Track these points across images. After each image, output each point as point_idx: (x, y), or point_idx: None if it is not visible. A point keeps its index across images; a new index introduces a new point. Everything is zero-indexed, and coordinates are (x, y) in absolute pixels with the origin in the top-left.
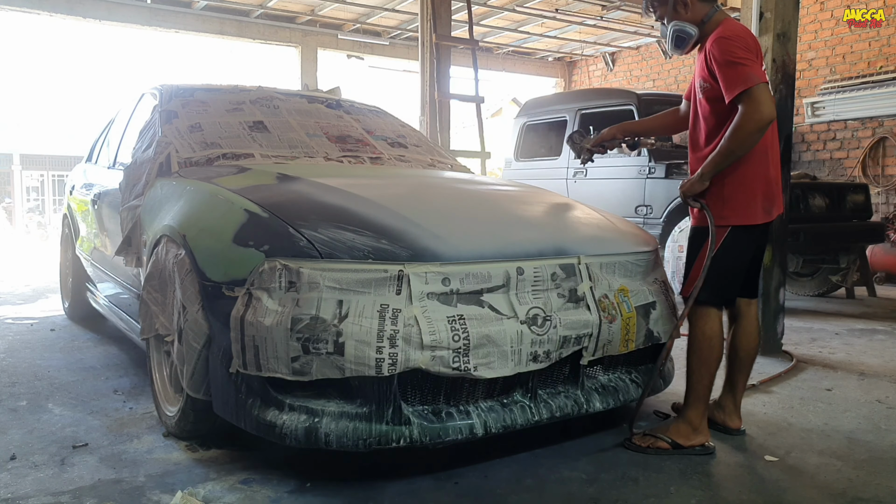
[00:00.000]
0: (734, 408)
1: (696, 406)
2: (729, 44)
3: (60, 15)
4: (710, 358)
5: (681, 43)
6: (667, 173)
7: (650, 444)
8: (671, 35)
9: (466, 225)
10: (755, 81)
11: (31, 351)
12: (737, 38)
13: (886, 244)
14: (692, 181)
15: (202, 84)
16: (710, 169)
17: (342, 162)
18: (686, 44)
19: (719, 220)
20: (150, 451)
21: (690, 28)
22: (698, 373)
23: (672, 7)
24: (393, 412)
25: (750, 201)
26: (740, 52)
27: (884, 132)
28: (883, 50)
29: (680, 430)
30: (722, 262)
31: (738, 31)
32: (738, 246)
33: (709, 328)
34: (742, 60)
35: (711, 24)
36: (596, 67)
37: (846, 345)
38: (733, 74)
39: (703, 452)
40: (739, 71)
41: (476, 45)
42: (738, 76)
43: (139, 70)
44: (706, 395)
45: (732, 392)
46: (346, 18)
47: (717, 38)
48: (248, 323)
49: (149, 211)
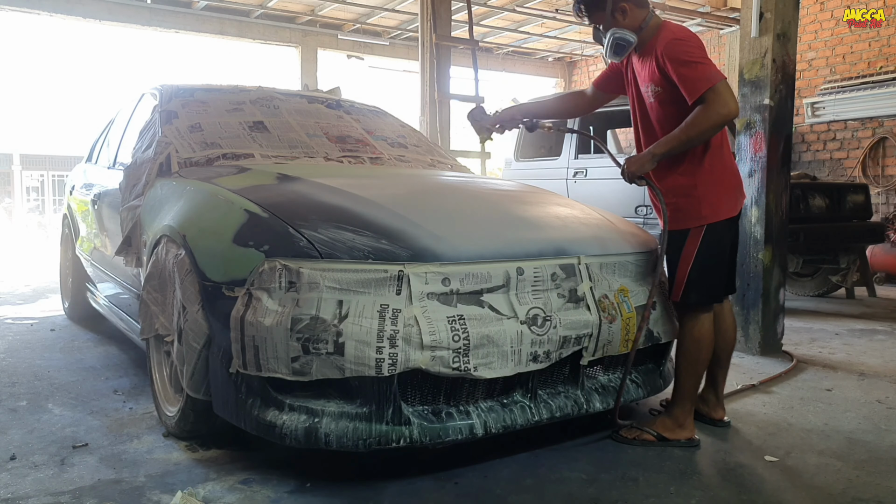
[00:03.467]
0: (717, 400)
1: (681, 404)
2: (685, 45)
3: (60, 15)
4: (698, 360)
5: (620, 50)
6: None
7: (636, 436)
8: (610, 43)
9: (466, 225)
10: (718, 78)
11: (31, 351)
12: (690, 39)
13: (886, 244)
14: (642, 160)
15: (202, 84)
16: (662, 151)
17: (342, 162)
18: (625, 51)
19: (698, 220)
20: (150, 451)
21: (630, 35)
22: (686, 373)
23: (610, 14)
24: (393, 412)
25: (725, 195)
26: (697, 52)
27: (884, 132)
28: (883, 50)
29: (666, 424)
30: (706, 261)
31: (688, 33)
32: (719, 241)
33: (698, 331)
34: (700, 59)
35: (649, 30)
36: (596, 67)
37: (846, 345)
38: (695, 74)
39: (688, 445)
40: (700, 70)
41: (476, 45)
42: (701, 75)
43: (139, 70)
44: (693, 394)
45: (714, 386)
46: (346, 18)
47: (670, 41)
48: (248, 323)
49: (149, 211)
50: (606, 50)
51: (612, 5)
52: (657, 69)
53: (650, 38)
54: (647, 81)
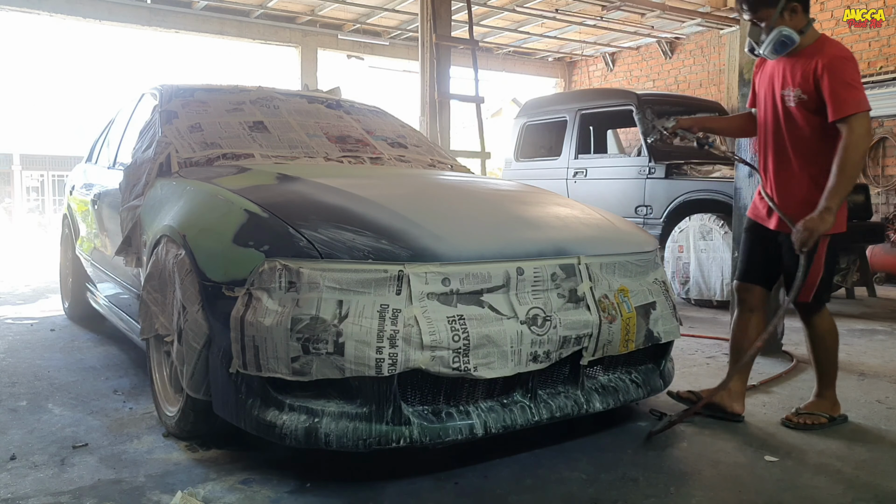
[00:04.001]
0: (741, 392)
1: (831, 387)
2: (851, 66)
3: (60, 15)
4: (835, 347)
5: (781, 48)
6: (667, 173)
7: (813, 422)
8: (775, 39)
9: (466, 225)
10: (867, 107)
11: (31, 351)
12: (855, 63)
13: (886, 244)
14: (822, 219)
15: (202, 84)
16: (836, 202)
17: (342, 162)
18: (787, 49)
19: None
20: (150, 452)
21: (795, 35)
22: (828, 362)
23: (779, 12)
24: (393, 412)
25: (845, 209)
26: (858, 77)
27: (884, 132)
28: (883, 50)
29: (825, 406)
30: (830, 266)
31: (852, 55)
32: (835, 249)
33: (829, 323)
34: (859, 85)
35: (808, 37)
36: (596, 68)
37: (846, 345)
38: (850, 97)
39: (843, 420)
40: (856, 94)
41: (476, 45)
42: (854, 99)
43: (139, 70)
44: (836, 376)
45: (742, 378)
46: (346, 18)
47: (839, 58)
48: (248, 323)
49: (149, 211)
50: (766, 46)
51: (785, 3)
52: (812, 77)
53: (808, 45)
54: (793, 86)
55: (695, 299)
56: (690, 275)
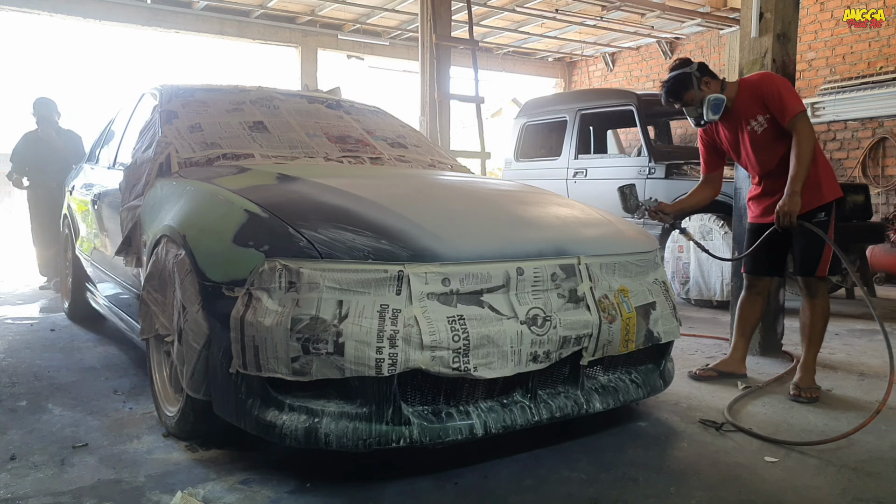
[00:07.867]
0: (744, 357)
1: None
2: (777, 78)
3: (60, 15)
4: (827, 323)
5: (717, 108)
6: (667, 174)
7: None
8: (709, 105)
9: (466, 225)
10: (803, 107)
11: (31, 351)
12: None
13: (886, 244)
14: (791, 201)
15: (202, 84)
16: (798, 186)
17: (342, 162)
18: (721, 108)
19: (820, 199)
20: (150, 452)
21: (722, 96)
22: (821, 336)
23: (697, 88)
24: (393, 412)
25: (834, 176)
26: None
27: (884, 132)
28: (883, 50)
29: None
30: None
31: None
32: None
33: (828, 302)
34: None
35: (731, 90)
36: (596, 68)
37: (846, 345)
38: (789, 101)
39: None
40: (794, 97)
41: (476, 45)
42: (793, 102)
43: (139, 70)
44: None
45: (745, 345)
46: (346, 19)
47: (764, 78)
48: (248, 323)
49: (149, 211)
50: (707, 113)
51: (697, 82)
52: (760, 102)
53: (735, 93)
54: (751, 119)
55: (695, 299)
56: (690, 275)
